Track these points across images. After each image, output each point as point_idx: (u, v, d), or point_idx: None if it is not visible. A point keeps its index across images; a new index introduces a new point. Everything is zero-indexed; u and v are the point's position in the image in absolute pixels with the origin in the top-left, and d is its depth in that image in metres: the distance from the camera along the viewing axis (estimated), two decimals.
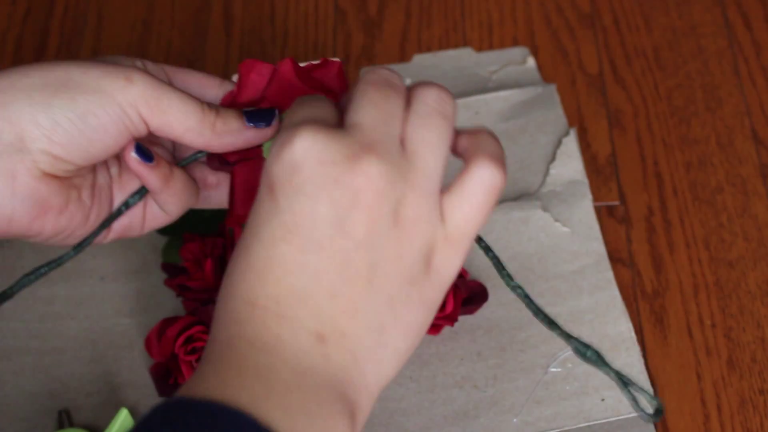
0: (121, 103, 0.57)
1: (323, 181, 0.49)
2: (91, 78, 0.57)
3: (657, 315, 0.80)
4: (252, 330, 0.49)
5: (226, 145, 0.59)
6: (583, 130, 0.88)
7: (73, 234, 0.60)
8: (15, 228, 0.58)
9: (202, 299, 0.77)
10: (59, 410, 0.75)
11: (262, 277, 0.49)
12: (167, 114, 0.57)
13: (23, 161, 0.56)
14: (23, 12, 0.96)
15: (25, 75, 0.57)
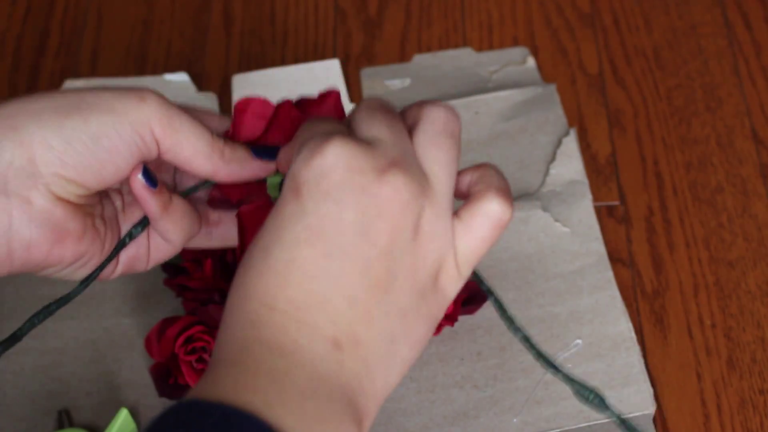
0: (134, 122, 0.56)
1: (351, 188, 0.49)
2: (104, 99, 0.57)
3: (657, 315, 0.80)
4: (270, 333, 0.49)
5: (233, 173, 0.59)
6: (583, 130, 0.88)
7: (90, 262, 0.59)
8: (36, 254, 0.57)
9: (202, 299, 0.77)
10: (59, 410, 0.75)
11: (283, 280, 0.49)
12: (179, 133, 0.57)
13: (36, 186, 0.56)
14: (23, 12, 0.96)
15: (35, 100, 0.56)
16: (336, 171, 0.49)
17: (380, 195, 0.49)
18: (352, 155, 0.50)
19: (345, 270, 0.49)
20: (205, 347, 0.74)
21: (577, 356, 0.76)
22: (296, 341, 0.48)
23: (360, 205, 0.49)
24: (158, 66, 0.93)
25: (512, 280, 0.80)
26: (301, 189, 0.50)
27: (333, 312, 0.49)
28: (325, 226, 0.49)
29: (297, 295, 0.49)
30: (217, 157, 0.58)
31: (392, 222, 0.49)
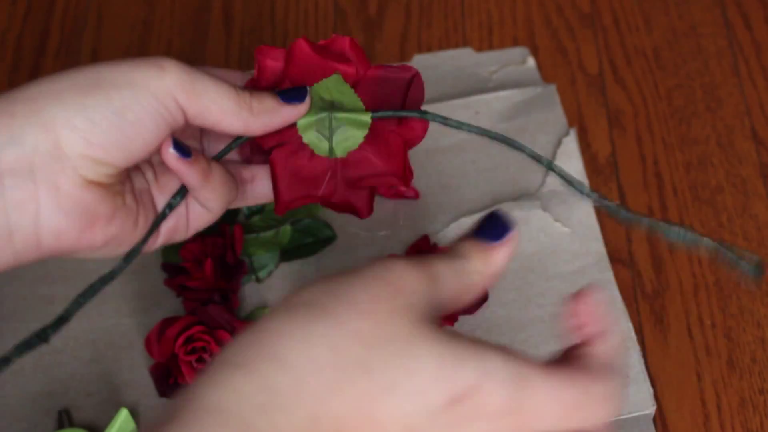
0: (156, 93, 0.55)
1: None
2: (122, 72, 0.55)
3: (657, 315, 0.80)
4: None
5: (265, 125, 0.58)
6: (583, 130, 0.88)
7: (124, 242, 0.58)
8: (64, 242, 0.56)
9: (202, 299, 0.77)
10: (59, 410, 0.75)
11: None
12: (203, 97, 0.56)
13: (64, 170, 0.54)
14: (23, 12, 0.96)
15: (53, 81, 0.55)
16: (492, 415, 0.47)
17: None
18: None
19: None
20: (205, 347, 0.74)
21: None
22: None
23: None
24: None
25: (512, 280, 0.80)
26: (463, 403, 0.46)
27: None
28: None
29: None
30: (246, 113, 0.57)
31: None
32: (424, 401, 0.45)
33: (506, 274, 0.80)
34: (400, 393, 0.45)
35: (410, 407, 0.45)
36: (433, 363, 0.45)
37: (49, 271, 0.81)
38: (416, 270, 0.48)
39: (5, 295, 0.79)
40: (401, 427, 0.45)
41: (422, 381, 0.45)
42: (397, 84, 0.61)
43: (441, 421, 0.45)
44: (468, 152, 0.86)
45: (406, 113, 0.60)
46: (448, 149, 0.86)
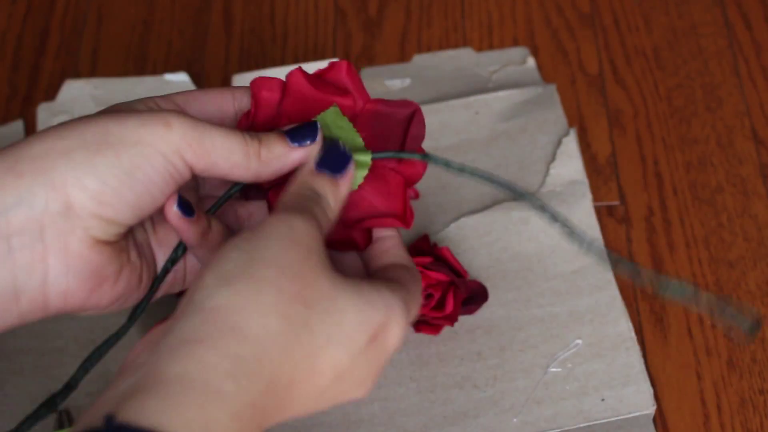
0: (164, 151, 0.54)
1: (387, 358, 0.55)
2: (129, 129, 0.54)
3: (657, 315, 0.80)
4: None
5: (276, 172, 0.57)
6: (583, 130, 0.88)
7: (128, 300, 0.58)
8: (72, 303, 0.55)
9: None
10: (59, 410, 0.75)
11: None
12: (211, 154, 0.55)
13: (74, 230, 0.53)
14: (23, 12, 0.96)
15: (60, 137, 0.54)
16: (396, 348, 0.55)
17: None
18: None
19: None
20: None
21: (577, 356, 0.76)
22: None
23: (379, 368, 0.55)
24: (158, 66, 0.93)
25: (512, 280, 0.80)
26: (377, 339, 0.53)
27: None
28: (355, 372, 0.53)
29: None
30: (255, 163, 0.57)
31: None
32: (351, 347, 0.52)
33: (506, 274, 0.80)
34: (334, 344, 0.52)
35: (341, 355, 0.52)
36: (353, 311, 0.52)
37: None
38: (308, 221, 0.53)
39: None
40: (333, 373, 0.52)
41: (348, 330, 0.52)
42: (397, 119, 0.59)
43: (361, 360, 0.53)
44: (468, 152, 0.86)
45: (408, 155, 0.59)
46: (448, 149, 0.86)
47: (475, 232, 0.82)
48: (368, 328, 0.53)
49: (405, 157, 0.59)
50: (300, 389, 0.51)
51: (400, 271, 0.58)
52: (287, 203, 0.54)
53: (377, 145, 0.60)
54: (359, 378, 0.54)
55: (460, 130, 0.87)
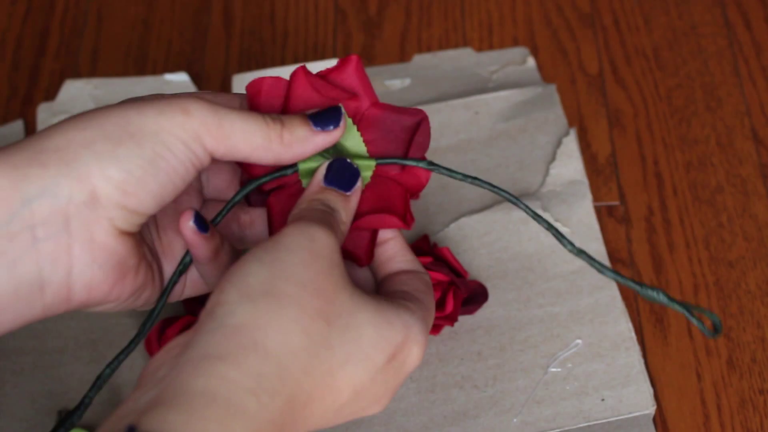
0: (184, 139, 0.54)
1: (405, 375, 0.56)
2: (149, 118, 0.54)
3: (657, 315, 0.80)
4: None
5: (297, 156, 0.57)
6: (583, 130, 0.88)
7: (143, 294, 0.58)
8: (95, 295, 0.55)
9: (202, 299, 0.77)
10: (59, 410, 0.75)
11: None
12: (231, 138, 0.55)
13: (98, 221, 0.53)
14: (23, 12, 0.96)
15: (81, 128, 0.53)
16: (415, 366, 0.56)
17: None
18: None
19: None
20: None
21: (577, 356, 0.76)
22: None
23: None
24: (158, 66, 0.93)
25: (512, 280, 0.80)
26: (396, 358, 0.54)
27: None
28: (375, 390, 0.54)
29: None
30: (276, 146, 0.56)
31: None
32: (369, 365, 0.53)
33: (506, 274, 0.80)
34: (353, 362, 0.52)
35: (360, 373, 0.52)
36: (372, 329, 0.53)
37: None
38: (327, 232, 0.53)
39: None
40: (351, 390, 0.53)
41: (367, 348, 0.53)
42: (403, 125, 0.59)
43: (380, 378, 0.53)
44: (468, 152, 0.86)
45: (413, 162, 0.58)
46: (448, 149, 0.86)
47: (475, 232, 0.82)
48: (387, 347, 0.53)
49: (409, 164, 0.59)
50: (318, 406, 0.52)
51: (413, 281, 0.58)
52: (302, 215, 0.55)
53: (380, 149, 0.59)
54: (376, 395, 0.54)
55: (460, 130, 0.87)
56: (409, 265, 0.59)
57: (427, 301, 0.57)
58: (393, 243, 0.60)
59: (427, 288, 0.58)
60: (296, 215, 0.55)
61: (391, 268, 0.59)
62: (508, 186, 0.85)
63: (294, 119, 0.57)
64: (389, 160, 0.59)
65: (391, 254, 0.60)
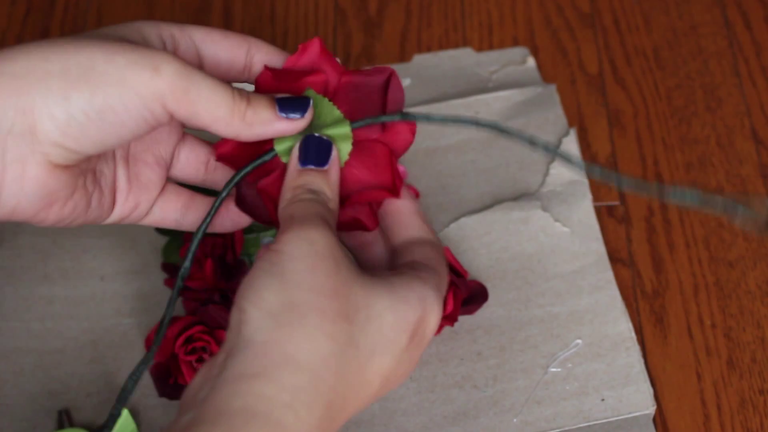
0: (144, 96, 0.54)
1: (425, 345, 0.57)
2: (116, 67, 0.54)
3: (657, 315, 0.80)
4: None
5: (256, 136, 0.57)
6: (583, 130, 0.88)
7: (73, 222, 0.58)
8: (18, 216, 0.56)
9: (202, 299, 0.77)
10: (59, 410, 0.75)
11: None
12: (195, 105, 0.55)
13: (33, 154, 0.54)
14: (23, 12, 0.96)
15: (45, 59, 0.54)
16: (433, 333, 0.56)
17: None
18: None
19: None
20: (205, 347, 0.74)
21: (577, 356, 0.76)
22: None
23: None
24: None
25: (512, 280, 0.80)
26: (417, 334, 0.55)
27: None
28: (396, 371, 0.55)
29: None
30: (238, 122, 0.56)
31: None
32: (394, 350, 0.53)
33: (506, 274, 0.80)
34: (379, 353, 0.53)
35: (387, 360, 0.53)
36: (391, 314, 0.53)
37: (49, 271, 0.81)
38: (321, 229, 0.53)
39: (5, 295, 0.79)
40: (381, 379, 0.54)
41: (389, 334, 0.53)
42: (374, 86, 0.59)
43: (405, 357, 0.54)
44: (468, 152, 0.86)
45: (386, 118, 0.58)
46: (448, 149, 0.86)
47: (475, 232, 0.82)
48: (407, 327, 0.54)
49: (383, 120, 0.58)
50: (352, 403, 0.53)
51: (424, 249, 0.58)
52: (293, 214, 0.55)
53: (358, 116, 0.59)
54: (403, 372, 0.55)
55: (460, 130, 0.87)
56: (420, 232, 0.59)
57: (439, 267, 0.57)
58: (404, 210, 0.60)
59: (439, 255, 0.58)
60: (286, 214, 0.55)
61: (403, 235, 0.59)
62: (508, 186, 0.85)
63: (261, 100, 0.57)
64: (362, 122, 0.58)
65: (403, 222, 0.60)
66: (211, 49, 0.60)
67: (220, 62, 0.60)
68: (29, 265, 0.81)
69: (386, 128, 0.59)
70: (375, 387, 0.54)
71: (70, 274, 0.80)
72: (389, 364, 0.54)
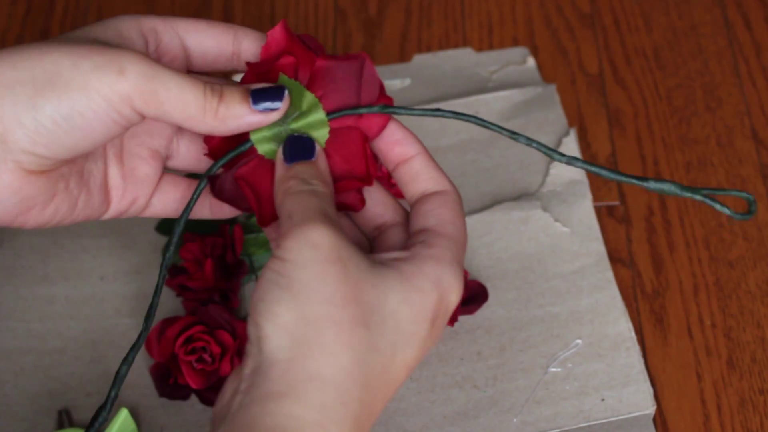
0: (110, 99, 0.54)
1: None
2: (81, 72, 0.54)
3: (657, 315, 0.80)
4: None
5: (231, 131, 0.56)
6: (583, 130, 0.88)
7: (61, 223, 0.58)
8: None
9: (202, 299, 0.77)
10: (59, 410, 0.75)
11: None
12: (165, 105, 0.55)
13: (5, 161, 0.54)
14: (23, 12, 0.96)
15: (13, 66, 0.54)
16: (455, 306, 0.56)
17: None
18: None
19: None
20: (205, 347, 0.74)
21: (577, 356, 0.76)
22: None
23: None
24: None
25: (512, 280, 0.80)
26: (438, 317, 0.54)
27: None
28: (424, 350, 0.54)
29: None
30: (210, 119, 0.56)
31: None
32: (415, 341, 0.53)
33: (506, 274, 0.80)
34: (400, 348, 0.52)
35: (410, 354, 0.53)
36: (407, 308, 0.52)
37: (49, 271, 0.81)
38: (322, 227, 0.52)
39: (5, 295, 0.79)
40: (407, 370, 0.53)
41: (409, 329, 0.52)
42: (349, 72, 0.58)
43: (428, 342, 0.54)
44: (468, 152, 0.86)
45: (365, 109, 0.58)
46: (448, 149, 0.86)
47: (475, 232, 0.82)
48: (426, 316, 0.53)
49: (362, 112, 0.57)
50: (380, 404, 0.53)
51: (438, 209, 0.56)
52: (291, 213, 0.54)
53: (334, 100, 0.58)
54: (428, 352, 0.56)
55: (460, 130, 0.87)
56: (433, 183, 0.58)
57: (454, 231, 0.56)
58: (416, 161, 0.58)
59: (454, 213, 0.56)
60: (284, 211, 0.54)
61: (415, 189, 0.58)
62: (508, 186, 0.85)
63: (234, 94, 0.56)
64: (341, 113, 0.58)
65: (414, 174, 0.58)
66: (196, 40, 0.59)
67: (207, 52, 0.59)
68: (29, 265, 0.81)
69: (362, 115, 0.58)
70: (402, 379, 0.53)
71: (70, 274, 0.80)
72: (413, 355, 0.53)
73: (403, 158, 0.58)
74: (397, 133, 0.58)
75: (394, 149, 0.58)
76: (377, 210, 0.59)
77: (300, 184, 0.55)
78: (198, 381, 0.74)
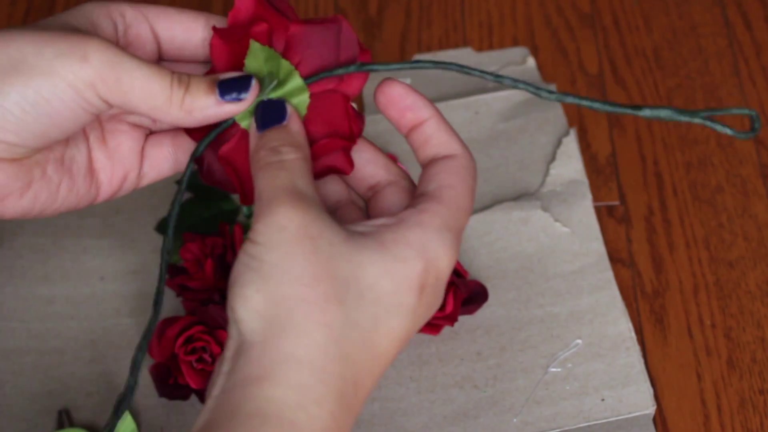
0: (75, 85, 0.53)
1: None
2: (45, 59, 0.53)
3: (657, 315, 0.80)
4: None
5: (198, 123, 0.56)
6: (583, 130, 0.88)
7: (42, 213, 0.57)
8: None
9: (202, 299, 0.77)
10: (59, 410, 0.75)
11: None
12: (129, 94, 0.54)
13: None
14: (23, 12, 0.96)
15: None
16: (449, 272, 0.53)
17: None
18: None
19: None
20: (205, 347, 0.74)
21: (577, 356, 0.76)
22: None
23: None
24: None
25: (512, 280, 0.80)
26: (426, 285, 0.52)
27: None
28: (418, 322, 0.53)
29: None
30: (176, 111, 0.55)
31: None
32: (402, 312, 0.51)
33: (506, 274, 0.80)
34: (383, 321, 0.51)
35: (397, 324, 0.51)
36: (387, 279, 0.51)
37: (48, 271, 0.81)
38: (290, 205, 0.51)
39: (5, 295, 0.79)
40: (396, 343, 0.52)
41: (391, 300, 0.51)
42: (326, 36, 0.57)
43: (419, 312, 0.52)
44: None
45: (342, 70, 0.56)
46: None
47: (475, 232, 0.82)
48: (411, 284, 0.51)
49: (339, 73, 0.56)
50: (368, 379, 0.51)
51: (443, 173, 0.55)
52: (261, 192, 0.53)
53: (312, 66, 0.57)
54: (423, 320, 0.53)
55: (460, 130, 0.87)
56: (444, 147, 0.56)
57: (452, 196, 0.54)
58: (427, 125, 0.56)
59: (458, 177, 0.55)
60: (256, 189, 0.53)
61: (425, 154, 0.56)
62: (508, 186, 0.85)
63: (200, 86, 0.55)
64: (316, 77, 0.57)
65: (425, 138, 0.56)
66: (165, 25, 0.58)
67: (176, 38, 0.58)
68: (29, 265, 0.81)
69: (343, 77, 0.57)
70: (391, 353, 0.52)
71: (70, 274, 0.81)
72: (402, 326, 0.51)
73: (414, 123, 0.56)
74: (407, 98, 0.56)
75: (405, 115, 0.56)
76: (368, 170, 0.58)
77: (269, 154, 0.54)
78: (198, 381, 0.74)
